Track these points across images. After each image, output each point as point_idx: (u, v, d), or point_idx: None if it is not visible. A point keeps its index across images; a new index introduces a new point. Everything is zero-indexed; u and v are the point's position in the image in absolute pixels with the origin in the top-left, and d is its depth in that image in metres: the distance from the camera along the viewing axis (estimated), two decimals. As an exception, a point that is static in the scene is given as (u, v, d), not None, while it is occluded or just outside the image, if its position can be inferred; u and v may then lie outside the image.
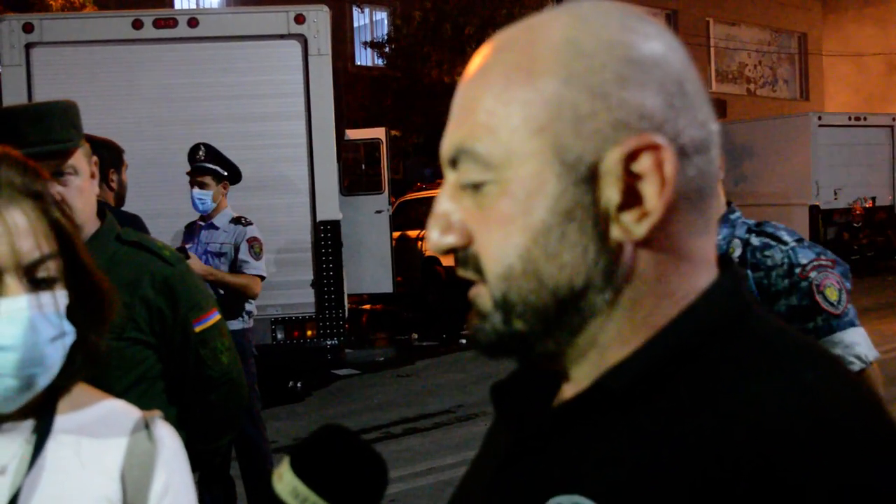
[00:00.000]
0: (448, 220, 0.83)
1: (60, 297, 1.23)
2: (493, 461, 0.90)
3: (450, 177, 0.84)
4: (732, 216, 2.56)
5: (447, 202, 0.83)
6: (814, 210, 17.34)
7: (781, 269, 2.41)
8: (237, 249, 5.40)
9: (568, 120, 0.77)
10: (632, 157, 0.76)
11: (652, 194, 0.76)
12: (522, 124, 0.78)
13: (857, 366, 2.32)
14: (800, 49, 31.76)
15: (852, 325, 2.39)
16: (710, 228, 0.83)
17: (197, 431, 2.41)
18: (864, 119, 18.99)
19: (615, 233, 0.77)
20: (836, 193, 18.02)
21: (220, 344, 2.44)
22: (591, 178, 0.77)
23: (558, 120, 0.77)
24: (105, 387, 1.40)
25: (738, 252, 2.48)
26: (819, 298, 2.36)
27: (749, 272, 2.44)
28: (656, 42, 0.80)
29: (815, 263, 2.40)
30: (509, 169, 0.78)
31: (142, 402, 1.42)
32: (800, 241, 2.47)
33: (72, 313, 1.25)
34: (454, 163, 0.82)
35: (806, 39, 31.59)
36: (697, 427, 0.72)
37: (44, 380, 1.22)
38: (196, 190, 5.36)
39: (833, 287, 2.38)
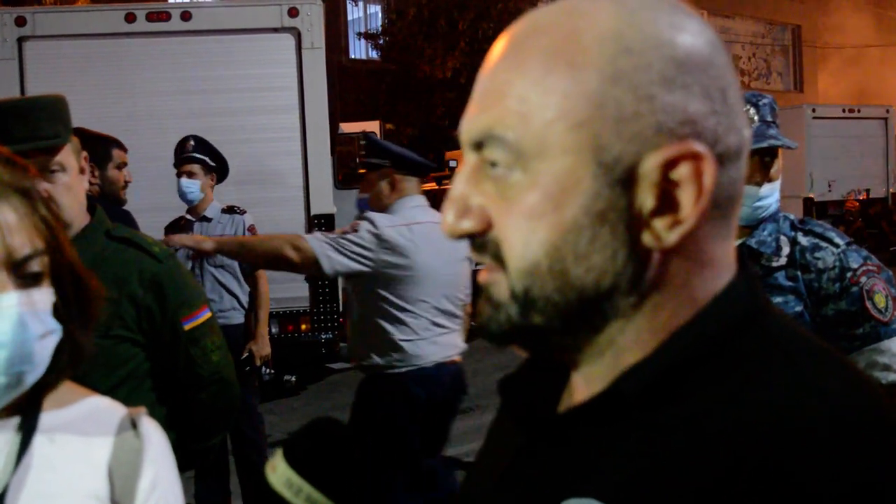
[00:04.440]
0: (466, 204, 0.80)
1: (48, 294, 1.23)
2: (500, 459, 0.89)
3: (470, 159, 0.81)
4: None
5: (465, 185, 0.80)
6: (808, 202, 17.38)
7: (833, 272, 2.34)
8: None
9: (610, 119, 0.74)
10: (671, 163, 0.74)
11: (688, 203, 0.74)
12: (560, 117, 0.75)
13: None
14: (794, 41, 31.77)
15: None
16: (732, 233, 0.81)
17: (188, 430, 2.40)
18: (858, 111, 19.04)
19: (646, 239, 0.76)
20: (829, 185, 18.07)
21: (210, 342, 2.41)
22: (628, 181, 0.75)
23: (600, 118, 0.74)
24: (91, 385, 1.39)
25: (785, 250, 2.41)
26: (868, 305, 2.31)
27: (799, 273, 2.37)
28: (704, 43, 0.77)
29: (865, 268, 2.34)
30: (541, 161, 0.76)
31: (129, 401, 1.41)
32: (850, 243, 2.40)
33: (57, 311, 1.25)
34: (478, 146, 0.79)
35: (800, 31, 31.60)
36: (710, 431, 0.71)
37: (31, 377, 1.21)
38: (184, 179, 5.28)
39: (881, 293, 2.33)
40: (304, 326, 8.00)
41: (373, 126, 11.30)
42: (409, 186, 3.88)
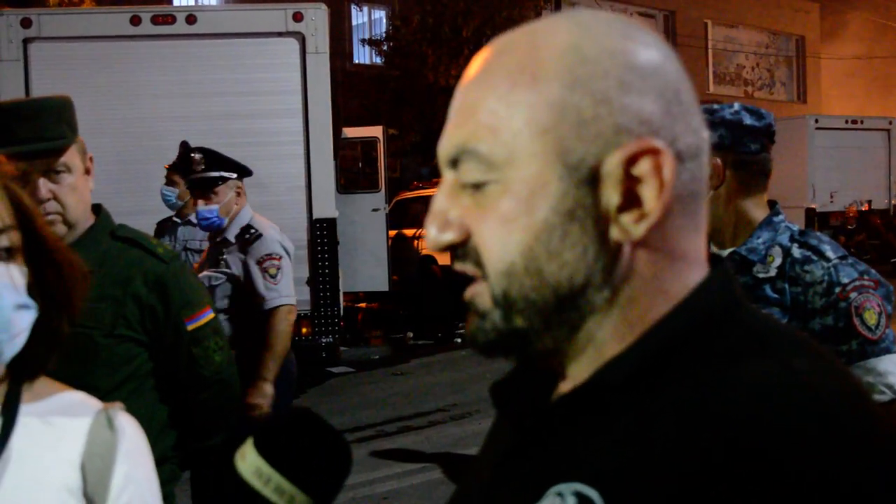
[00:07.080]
0: (445, 218, 0.84)
1: (21, 271, 1.23)
2: (493, 457, 0.92)
3: (448, 176, 0.86)
4: (776, 219, 2.38)
5: (444, 200, 0.85)
6: (810, 213, 17.37)
7: (820, 286, 2.24)
8: None
9: (571, 123, 0.79)
10: (632, 160, 0.79)
11: (650, 197, 0.79)
12: (526, 126, 0.80)
13: (887, 396, 2.16)
14: (797, 52, 31.77)
15: (888, 351, 2.21)
16: (701, 229, 0.85)
17: (189, 430, 2.42)
18: (861, 122, 19.05)
19: (614, 233, 0.80)
20: (832, 196, 18.06)
21: (213, 343, 2.43)
22: (593, 179, 0.80)
23: (562, 123, 0.79)
24: (94, 384, 1.39)
25: (777, 262, 2.32)
26: (856, 321, 2.19)
27: (786, 286, 2.29)
28: (655, 51, 0.83)
29: (857, 283, 2.23)
30: (512, 169, 0.80)
31: (132, 400, 1.42)
32: (843, 257, 2.29)
33: (32, 291, 1.24)
34: (454, 162, 0.84)
35: (804, 42, 31.60)
36: (695, 420, 0.73)
37: (9, 349, 1.21)
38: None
39: (873, 310, 2.21)
40: (304, 330, 8.00)
41: (376, 131, 11.32)
42: (245, 193, 4.41)
